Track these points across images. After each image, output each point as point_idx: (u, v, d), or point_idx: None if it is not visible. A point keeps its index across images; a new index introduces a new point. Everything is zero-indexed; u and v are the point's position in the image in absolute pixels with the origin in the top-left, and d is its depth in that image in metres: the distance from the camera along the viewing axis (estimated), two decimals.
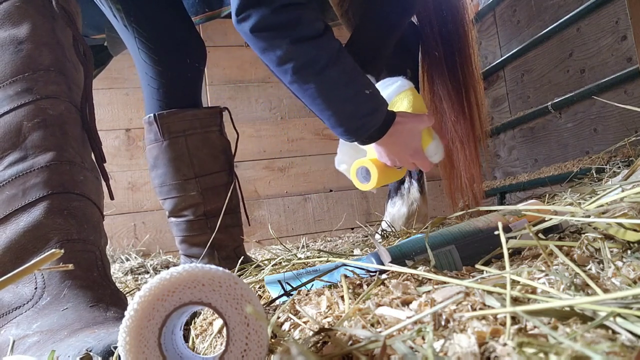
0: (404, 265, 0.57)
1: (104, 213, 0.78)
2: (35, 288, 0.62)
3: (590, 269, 0.47)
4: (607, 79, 1.72)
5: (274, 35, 0.90)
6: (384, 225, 1.52)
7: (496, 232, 0.49)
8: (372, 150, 1.14)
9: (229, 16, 1.38)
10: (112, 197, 0.83)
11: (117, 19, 1.10)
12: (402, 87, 1.16)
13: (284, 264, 0.88)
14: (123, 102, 2.40)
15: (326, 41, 0.93)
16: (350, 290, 0.52)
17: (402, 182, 1.52)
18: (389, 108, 1.02)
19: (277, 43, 0.90)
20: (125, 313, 0.37)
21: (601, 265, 0.48)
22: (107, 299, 0.64)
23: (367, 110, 0.97)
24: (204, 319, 0.60)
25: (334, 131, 1.02)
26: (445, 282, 0.47)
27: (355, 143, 1.08)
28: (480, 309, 0.39)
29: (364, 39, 1.33)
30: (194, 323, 0.61)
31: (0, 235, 0.65)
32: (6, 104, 0.69)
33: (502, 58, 2.30)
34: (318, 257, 0.89)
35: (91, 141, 0.78)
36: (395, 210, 1.52)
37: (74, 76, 0.77)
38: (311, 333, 0.42)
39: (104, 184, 0.80)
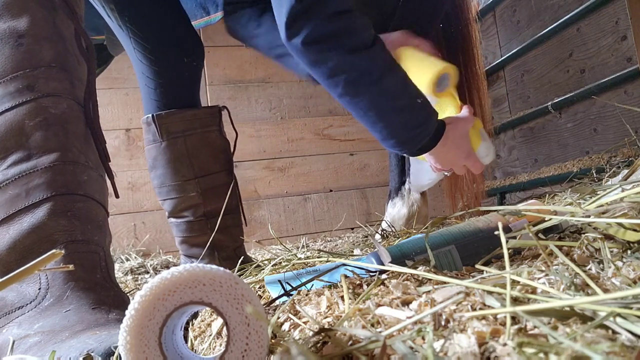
0: (404, 265, 0.57)
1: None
2: (39, 288, 0.62)
3: (590, 269, 0.47)
4: (607, 79, 1.72)
5: (328, 47, 0.86)
6: (384, 225, 1.52)
7: (496, 232, 0.49)
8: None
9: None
10: (117, 196, 0.82)
11: (112, 19, 1.09)
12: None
13: (284, 264, 0.88)
14: (123, 102, 2.41)
15: (379, 50, 0.90)
16: (350, 290, 0.52)
17: (402, 182, 1.52)
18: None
19: (331, 54, 0.87)
20: (126, 312, 0.37)
21: (601, 265, 0.48)
22: (109, 301, 0.64)
23: (420, 120, 0.94)
24: (202, 321, 0.60)
25: (385, 143, 0.99)
26: (445, 282, 0.47)
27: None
28: (480, 309, 0.39)
29: (407, 16, 1.29)
30: (192, 325, 0.61)
31: (4, 234, 0.65)
32: (7, 100, 0.68)
33: (502, 58, 2.31)
34: (318, 257, 0.89)
35: (95, 138, 0.78)
36: (396, 211, 1.52)
37: (76, 71, 0.75)
38: (311, 333, 0.42)
39: (108, 182, 0.80)
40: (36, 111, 0.68)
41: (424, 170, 1.28)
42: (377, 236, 1.39)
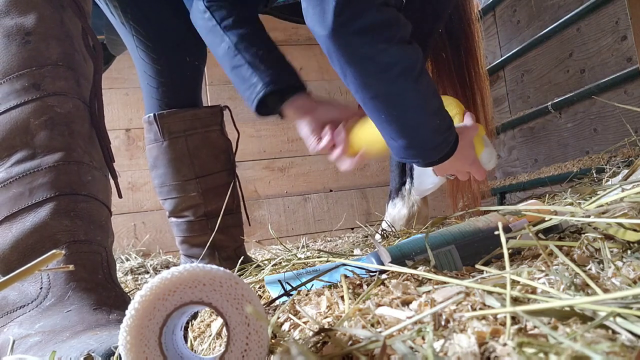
0: (404, 265, 0.57)
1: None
2: (41, 288, 0.62)
3: (590, 269, 0.47)
4: (607, 79, 1.72)
5: (379, 37, 0.82)
6: (384, 225, 1.52)
7: (496, 232, 0.49)
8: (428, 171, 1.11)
9: None
10: (120, 196, 0.82)
11: (115, 16, 1.09)
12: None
13: (284, 264, 0.88)
14: (123, 102, 2.41)
15: (416, 45, 0.87)
16: (350, 290, 0.52)
17: (403, 183, 1.52)
18: None
19: (382, 46, 0.82)
20: (127, 312, 0.37)
21: (601, 265, 0.48)
22: (110, 301, 0.64)
23: (446, 125, 0.90)
24: (202, 321, 0.60)
25: (406, 153, 0.91)
26: (445, 282, 0.47)
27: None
28: (480, 309, 0.39)
29: (410, 17, 1.29)
30: (192, 325, 0.61)
31: (6, 233, 0.65)
32: (13, 98, 0.68)
33: (502, 58, 2.31)
34: (318, 257, 0.89)
35: (100, 138, 0.78)
36: (396, 211, 1.51)
37: (83, 69, 0.75)
38: (311, 333, 0.42)
39: (112, 181, 0.80)
40: (42, 110, 0.68)
41: (427, 174, 1.28)
42: (377, 236, 1.39)
